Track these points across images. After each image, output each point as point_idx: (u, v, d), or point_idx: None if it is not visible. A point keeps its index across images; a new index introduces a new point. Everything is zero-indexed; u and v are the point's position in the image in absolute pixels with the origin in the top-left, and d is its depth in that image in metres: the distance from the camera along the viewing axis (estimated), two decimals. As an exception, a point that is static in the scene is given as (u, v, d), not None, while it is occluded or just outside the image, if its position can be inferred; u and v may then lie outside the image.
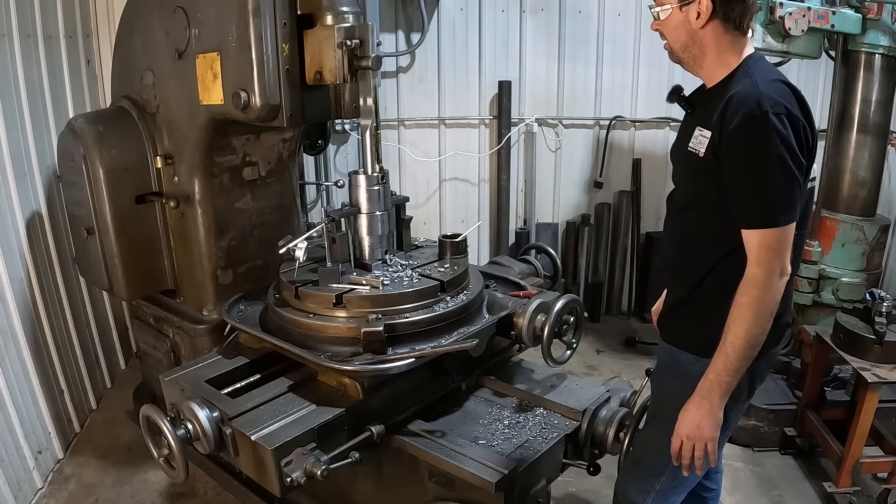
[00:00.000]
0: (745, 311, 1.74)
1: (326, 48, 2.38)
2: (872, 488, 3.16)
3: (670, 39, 1.91)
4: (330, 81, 2.42)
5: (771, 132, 1.66)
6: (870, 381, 2.87)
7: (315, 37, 2.41)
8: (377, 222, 2.58)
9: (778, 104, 1.69)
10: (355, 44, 2.36)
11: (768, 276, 1.73)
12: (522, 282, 2.89)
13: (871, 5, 3.36)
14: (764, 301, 1.74)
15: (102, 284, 3.15)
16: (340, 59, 2.36)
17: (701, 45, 1.84)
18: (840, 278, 3.64)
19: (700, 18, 1.80)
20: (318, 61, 2.42)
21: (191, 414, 2.07)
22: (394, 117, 5.05)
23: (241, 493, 2.89)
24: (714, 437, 1.85)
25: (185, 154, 2.87)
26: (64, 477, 3.34)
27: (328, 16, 2.39)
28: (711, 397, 1.82)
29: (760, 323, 1.75)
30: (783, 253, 1.74)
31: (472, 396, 2.54)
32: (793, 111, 1.70)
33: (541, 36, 4.96)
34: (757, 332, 1.76)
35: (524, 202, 5.33)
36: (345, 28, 2.36)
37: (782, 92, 1.74)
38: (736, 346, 1.76)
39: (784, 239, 1.73)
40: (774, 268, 1.73)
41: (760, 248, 1.72)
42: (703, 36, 1.83)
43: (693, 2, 1.79)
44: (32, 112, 3.41)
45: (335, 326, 2.29)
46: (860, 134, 3.64)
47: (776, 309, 1.77)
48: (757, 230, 1.72)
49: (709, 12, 1.78)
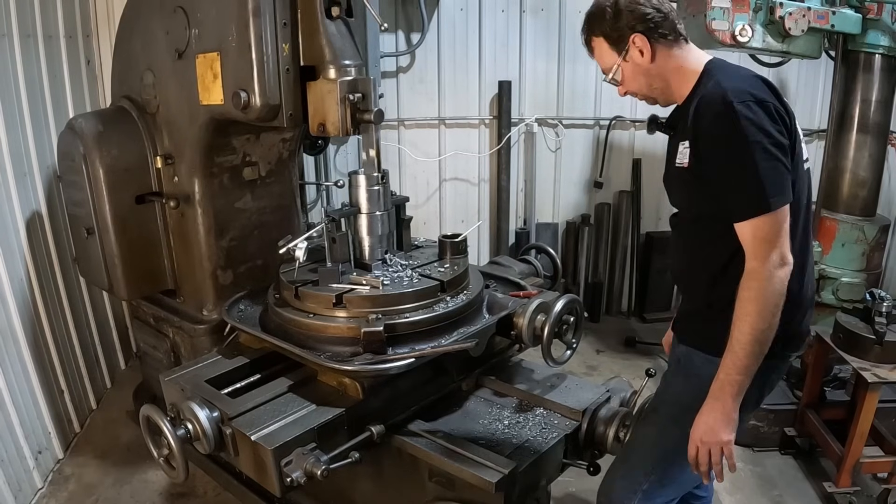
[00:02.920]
0: (748, 306, 1.71)
1: (329, 101, 2.40)
2: (872, 488, 3.16)
3: (636, 89, 1.96)
4: (333, 134, 2.45)
5: (740, 120, 1.66)
6: (870, 381, 2.87)
7: (318, 90, 2.43)
8: (377, 222, 2.58)
9: (742, 93, 1.69)
10: (357, 98, 2.38)
11: (766, 267, 1.69)
12: (522, 282, 2.89)
13: (871, 5, 3.36)
14: (765, 294, 1.70)
15: (102, 284, 3.15)
16: (343, 112, 2.38)
17: (661, 76, 1.88)
18: (840, 278, 3.64)
19: (645, 55, 1.85)
20: (322, 114, 2.44)
21: (191, 414, 2.07)
22: (394, 117, 5.05)
23: (241, 493, 2.89)
24: (729, 439, 1.81)
25: (185, 154, 2.87)
26: (64, 477, 3.34)
27: (331, 69, 2.40)
28: (724, 398, 1.78)
29: (765, 317, 1.71)
30: (778, 241, 1.70)
31: (472, 396, 2.54)
32: (759, 95, 1.70)
33: (541, 36, 4.96)
34: (762, 328, 1.72)
35: (524, 202, 5.33)
36: (347, 82, 2.38)
37: (747, 82, 1.75)
38: (743, 343, 1.73)
39: (777, 225, 1.69)
40: (771, 257, 1.69)
41: (755, 239, 1.70)
42: (657, 67, 1.87)
43: (628, 47, 1.85)
44: (32, 112, 3.41)
45: (335, 326, 2.29)
46: (860, 134, 3.64)
47: (781, 302, 1.72)
48: (748, 221, 1.70)
49: (647, 44, 1.83)
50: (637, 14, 1.82)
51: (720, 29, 3.24)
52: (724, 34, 3.25)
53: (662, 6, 1.84)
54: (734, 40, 3.26)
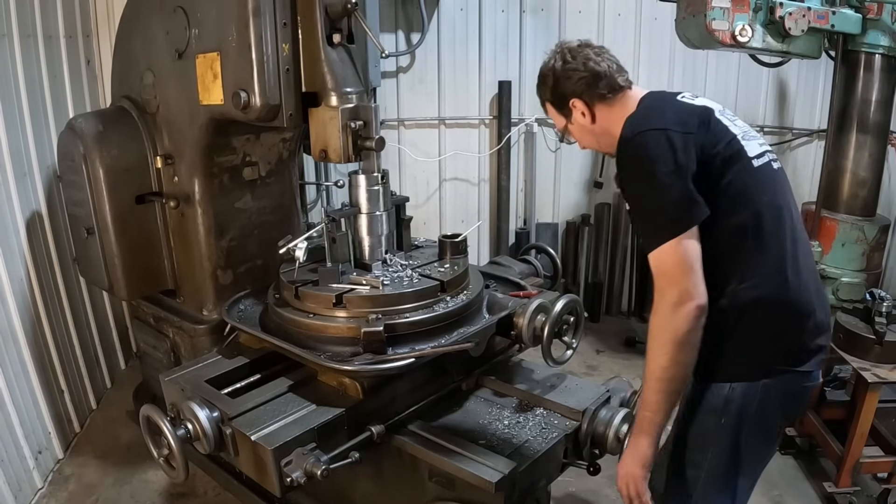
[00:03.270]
0: (650, 342, 1.69)
1: (331, 128, 2.40)
2: (872, 488, 3.16)
3: (588, 145, 2.05)
4: (335, 160, 2.44)
5: (633, 157, 1.69)
6: (870, 381, 2.87)
7: (320, 116, 2.43)
8: (377, 222, 2.58)
9: (638, 125, 1.72)
10: (359, 125, 2.38)
11: (663, 303, 1.64)
12: (522, 282, 2.89)
13: (871, 5, 3.36)
14: (663, 331, 1.65)
15: (102, 284, 3.15)
16: (345, 140, 2.38)
17: (606, 132, 1.91)
18: (840, 278, 3.64)
19: (587, 116, 1.91)
20: (323, 140, 2.44)
21: (191, 414, 2.07)
22: (394, 117, 5.05)
23: (241, 493, 2.89)
24: (636, 475, 1.78)
25: (185, 154, 2.86)
26: (64, 477, 3.34)
27: (333, 96, 2.40)
28: (638, 433, 1.78)
29: (665, 355, 1.65)
30: (677, 275, 1.62)
31: (472, 396, 2.53)
32: (655, 125, 1.69)
33: (541, 36, 4.96)
34: (664, 365, 1.66)
35: (524, 202, 5.33)
36: (349, 109, 2.38)
37: (652, 112, 1.78)
38: (648, 380, 1.71)
39: (673, 258, 1.62)
40: (668, 294, 1.63)
41: (655, 273, 1.66)
42: (600, 126, 1.93)
43: (570, 113, 1.92)
44: (32, 112, 3.41)
45: (335, 326, 2.29)
46: (860, 134, 3.64)
47: (689, 339, 1.64)
48: (651, 255, 1.66)
49: (586, 107, 1.89)
50: (573, 80, 1.88)
51: (720, 29, 3.24)
52: (724, 34, 3.25)
53: (599, 65, 1.87)
54: (734, 40, 3.26)
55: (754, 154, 1.76)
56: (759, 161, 1.76)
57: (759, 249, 1.71)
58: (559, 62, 1.90)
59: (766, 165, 1.79)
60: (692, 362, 1.69)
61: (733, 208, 1.70)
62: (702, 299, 1.63)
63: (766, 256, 1.71)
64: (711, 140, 1.71)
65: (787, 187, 1.84)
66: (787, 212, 1.79)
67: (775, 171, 1.81)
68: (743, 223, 1.70)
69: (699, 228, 1.65)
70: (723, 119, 1.78)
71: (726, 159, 1.70)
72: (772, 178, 1.79)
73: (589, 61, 1.87)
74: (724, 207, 1.68)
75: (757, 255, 1.71)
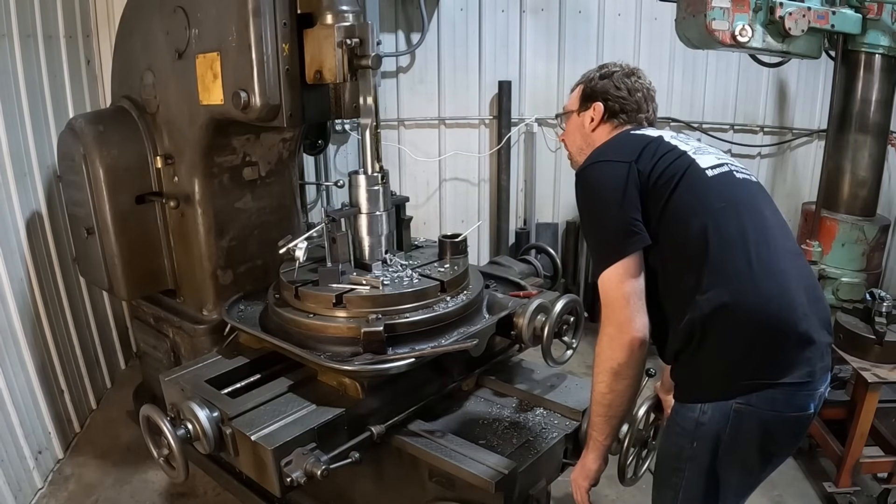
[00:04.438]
0: (593, 367, 1.78)
1: (326, 47, 2.37)
2: (872, 488, 3.16)
3: (569, 142, 2.11)
4: (330, 80, 2.42)
5: (582, 186, 1.80)
6: (870, 381, 2.87)
7: (315, 36, 2.41)
8: (377, 222, 2.58)
9: (591, 157, 1.83)
10: (355, 43, 2.36)
11: (604, 333, 1.72)
12: (522, 282, 2.89)
13: (871, 5, 3.36)
14: (602, 360, 1.74)
15: (102, 284, 3.15)
16: (340, 58, 2.35)
17: (590, 145, 1.99)
18: (840, 278, 3.64)
19: (593, 122, 2.01)
20: (318, 60, 2.41)
21: (191, 414, 2.07)
22: (394, 117, 5.05)
23: (241, 493, 2.89)
24: (581, 485, 1.94)
25: (185, 154, 2.87)
26: (64, 477, 3.34)
27: (328, 15, 2.38)
28: (586, 450, 1.92)
29: (603, 382, 1.75)
30: (617, 307, 1.67)
31: (472, 396, 2.53)
32: (602, 158, 1.79)
33: (541, 36, 4.96)
34: (602, 391, 1.77)
35: (524, 202, 5.33)
36: (345, 27, 2.36)
37: (608, 146, 1.87)
38: (592, 402, 1.83)
39: (615, 288, 1.67)
40: (607, 324, 1.70)
41: (602, 301, 1.72)
42: (592, 137, 2.01)
43: (586, 109, 2.03)
44: (32, 112, 3.41)
45: (335, 326, 2.29)
46: (860, 134, 3.64)
47: (624, 371, 1.70)
48: (598, 280, 1.73)
49: (600, 116, 1.99)
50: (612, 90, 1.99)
51: (720, 29, 3.24)
52: (724, 34, 3.25)
53: (634, 96, 1.98)
54: (734, 40, 3.26)
55: (708, 165, 1.77)
56: (714, 171, 1.77)
57: (719, 258, 1.65)
58: (623, 73, 2.01)
59: (724, 175, 1.78)
60: (632, 393, 1.78)
61: (686, 219, 1.69)
62: (638, 333, 1.68)
63: (727, 264, 1.65)
64: (655, 160, 1.76)
65: (756, 195, 1.81)
66: (754, 218, 1.72)
67: (738, 180, 1.79)
68: (699, 232, 1.66)
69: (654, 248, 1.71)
70: (672, 141, 1.85)
71: (674, 174, 1.73)
72: (731, 186, 1.76)
73: (637, 92, 1.99)
74: (678, 219, 1.70)
75: (717, 263, 1.64)
